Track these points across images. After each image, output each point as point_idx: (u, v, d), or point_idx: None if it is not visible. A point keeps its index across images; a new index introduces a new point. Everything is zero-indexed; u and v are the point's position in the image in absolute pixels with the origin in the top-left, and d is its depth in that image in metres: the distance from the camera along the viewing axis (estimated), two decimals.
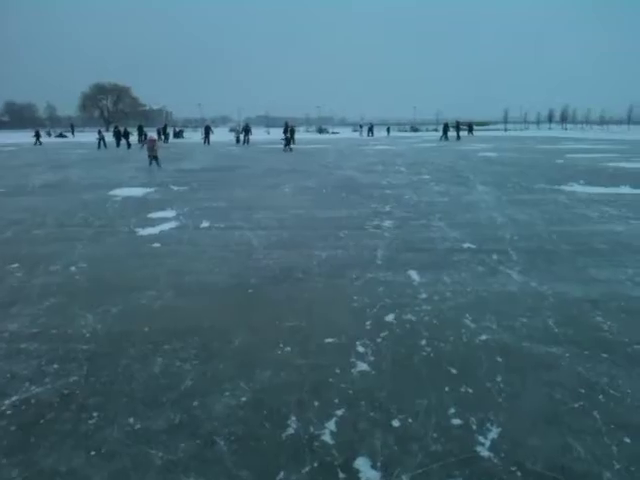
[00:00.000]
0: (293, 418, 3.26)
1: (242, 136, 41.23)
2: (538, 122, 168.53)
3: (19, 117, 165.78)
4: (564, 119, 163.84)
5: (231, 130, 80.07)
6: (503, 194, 13.23)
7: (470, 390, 3.59)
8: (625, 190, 13.86)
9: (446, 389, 3.60)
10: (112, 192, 14.15)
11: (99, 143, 39.75)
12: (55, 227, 9.56)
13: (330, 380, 3.74)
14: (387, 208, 11.31)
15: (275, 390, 3.61)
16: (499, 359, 4.06)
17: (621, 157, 26.47)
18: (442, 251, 7.51)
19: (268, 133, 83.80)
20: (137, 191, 14.34)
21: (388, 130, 77.46)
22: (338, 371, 3.88)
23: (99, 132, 41.04)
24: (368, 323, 4.80)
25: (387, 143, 46.13)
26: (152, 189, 14.74)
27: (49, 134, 74.76)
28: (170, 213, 10.84)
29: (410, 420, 3.23)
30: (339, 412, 3.32)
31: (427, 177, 17.48)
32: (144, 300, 5.48)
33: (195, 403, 3.45)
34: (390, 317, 4.94)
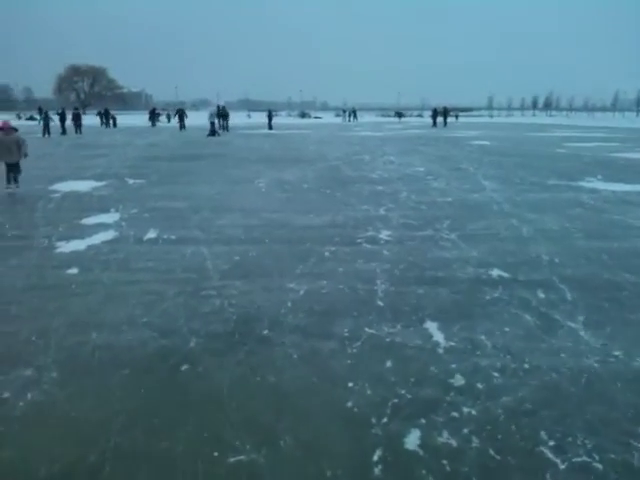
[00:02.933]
0: None
1: (217, 121, 34.85)
2: (522, 109, 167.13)
3: None
4: (548, 106, 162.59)
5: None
6: (514, 192, 11.20)
7: None
8: None
9: None
10: (53, 187, 11.86)
11: (44, 129, 30.07)
12: None
13: None
14: (382, 211, 9.24)
15: None
16: None
17: (623, 147, 24.62)
18: (465, 283, 5.45)
19: (249, 117, 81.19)
20: (84, 185, 12.07)
21: (400, 115, 74.97)
22: None
23: (45, 114, 31.08)
24: (376, 457, 2.71)
25: (372, 129, 43.93)
26: (102, 183, 12.48)
27: (19, 117, 71.30)
28: (112, 217, 8.65)
29: None
30: None
31: (421, 169, 15.39)
32: (7, 391, 3.34)
33: None
34: (413, 439, 2.86)
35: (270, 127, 40.37)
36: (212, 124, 31.91)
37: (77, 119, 33.13)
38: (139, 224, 8.14)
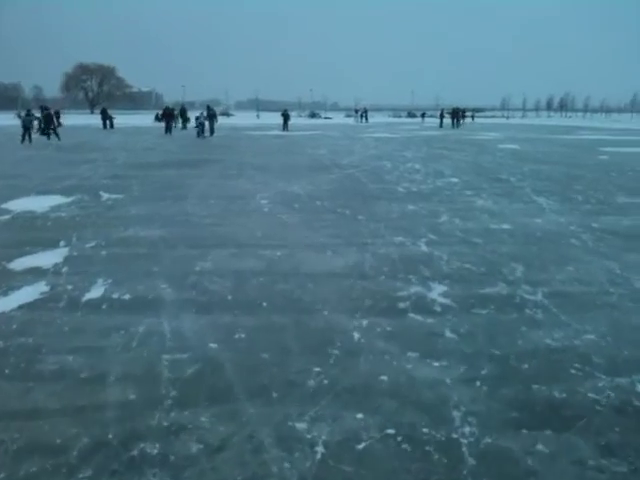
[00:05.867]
0: None
1: (207, 123, 30.55)
2: (537, 109, 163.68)
3: (4, 97, 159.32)
4: (563, 107, 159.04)
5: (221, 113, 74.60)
6: (585, 216, 8.75)
7: None
8: None
9: None
10: (6, 205, 9.52)
11: (24, 135, 24.09)
12: None
13: None
14: (422, 245, 6.84)
15: None
16: None
17: None
18: (609, 421, 3.03)
19: (258, 117, 78.90)
20: (45, 202, 9.72)
21: (423, 115, 71.82)
22: None
23: (26, 113, 25.83)
24: None
25: (386, 130, 41.41)
26: (70, 199, 10.13)
27: (19, 116, 69.01)
28: (55, 257, 6.28)
29: None
30: None
31: (455, 180, 12.95)
32: None
33: None
34: None
35: (286, 128, 38.07)
36: (198, 125, 29.71)
37: (49, 121, 25.98)
38: (87, 269, 5.78)
